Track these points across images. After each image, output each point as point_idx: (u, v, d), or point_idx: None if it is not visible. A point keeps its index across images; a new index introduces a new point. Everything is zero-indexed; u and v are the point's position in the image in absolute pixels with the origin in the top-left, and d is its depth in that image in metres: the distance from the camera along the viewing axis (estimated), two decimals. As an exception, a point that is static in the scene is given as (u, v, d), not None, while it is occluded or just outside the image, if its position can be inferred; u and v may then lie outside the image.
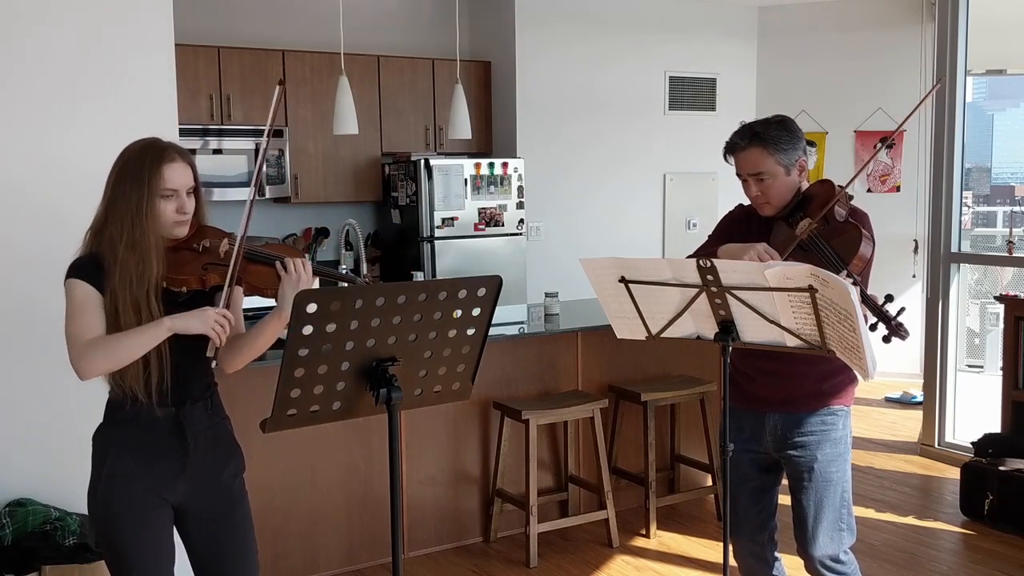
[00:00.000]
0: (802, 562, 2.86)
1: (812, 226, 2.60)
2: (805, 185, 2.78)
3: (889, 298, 2.45)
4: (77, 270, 2.31)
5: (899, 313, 2.43)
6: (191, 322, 2.26)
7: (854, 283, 2.40)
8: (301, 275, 2.36)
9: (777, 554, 2.95)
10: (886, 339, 2.43)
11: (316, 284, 2.44)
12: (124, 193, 2.29)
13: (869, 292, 2.50)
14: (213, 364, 2.32)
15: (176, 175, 2.32)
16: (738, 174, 2.79)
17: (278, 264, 2.36)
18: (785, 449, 2.80)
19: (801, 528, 2.82)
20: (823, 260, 2.54)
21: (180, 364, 2.33)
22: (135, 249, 2.27)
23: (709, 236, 2.98)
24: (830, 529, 2.78)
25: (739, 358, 2.84)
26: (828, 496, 2.77)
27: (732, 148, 2.78)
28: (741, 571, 2.99)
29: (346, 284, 2.69)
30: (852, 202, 2.75)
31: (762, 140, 2.72)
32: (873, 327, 2.44)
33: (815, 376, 2.72)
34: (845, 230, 2.62)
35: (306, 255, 2.43)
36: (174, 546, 2.43)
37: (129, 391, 2.31)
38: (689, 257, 2.69)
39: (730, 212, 3.02)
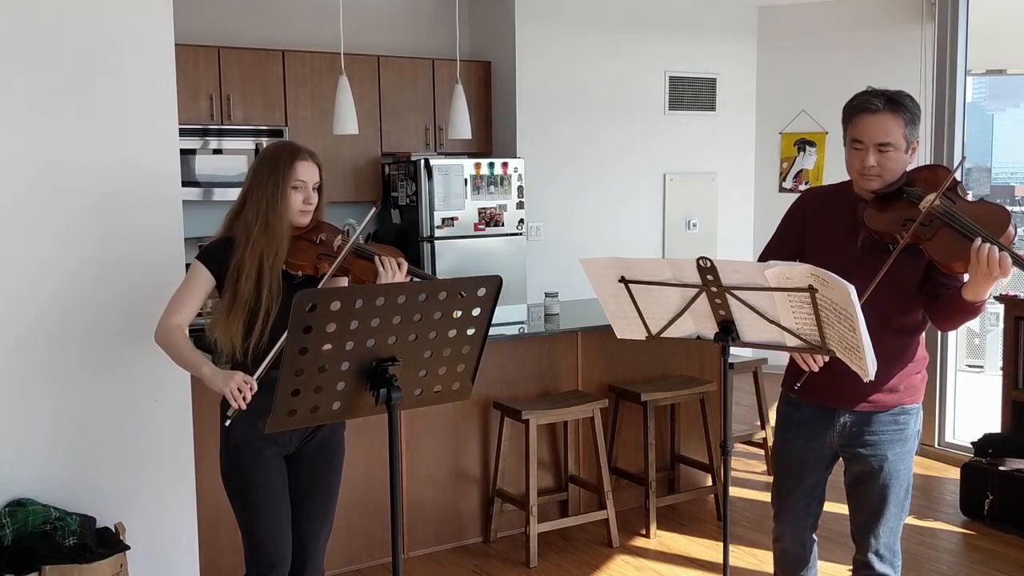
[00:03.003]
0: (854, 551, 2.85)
1: (936, 197, 2.44)
2: (909, 168, 2.64)
3: None
4: (205, 253, 2.68)
5: None
6: (217, 380, 2.51)
7: (1014, 259, 2.29)
8: (396, 272, 2.72)
9: (814, 535, 2.94)
10: None
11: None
12: (261, 182, 2.65)
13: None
14: (226, 423, 2.53)
15: (306, 171, 2.68)
16: (856, 139, 2.57)
17: (376, 259, 2.72)
18: (854, 447, 2.74)
19: (860, 520, 2.80)
20: (961, 233, 2.40)
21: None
22: (267, 230, 2.62)
23: (779, 227, 2.86)
24: (892, 520, 2.77)
25: None
26: (894, 491, 2.74)
27: (863, 108, 2.54)
28: (776, 553, 2.98)
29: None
30: None
31: (899, 107, 2.53)
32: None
33: (893, 375, 2.64)
34: (985, 206, 2.48)
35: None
36: (289, 496, 2.76)
37: (237, 356, 2.63)
38: (762, 259, 2.68)
39: (800, 198, 2.87)
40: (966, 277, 2.49)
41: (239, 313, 2.61)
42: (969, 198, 2.54)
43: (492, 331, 2.33)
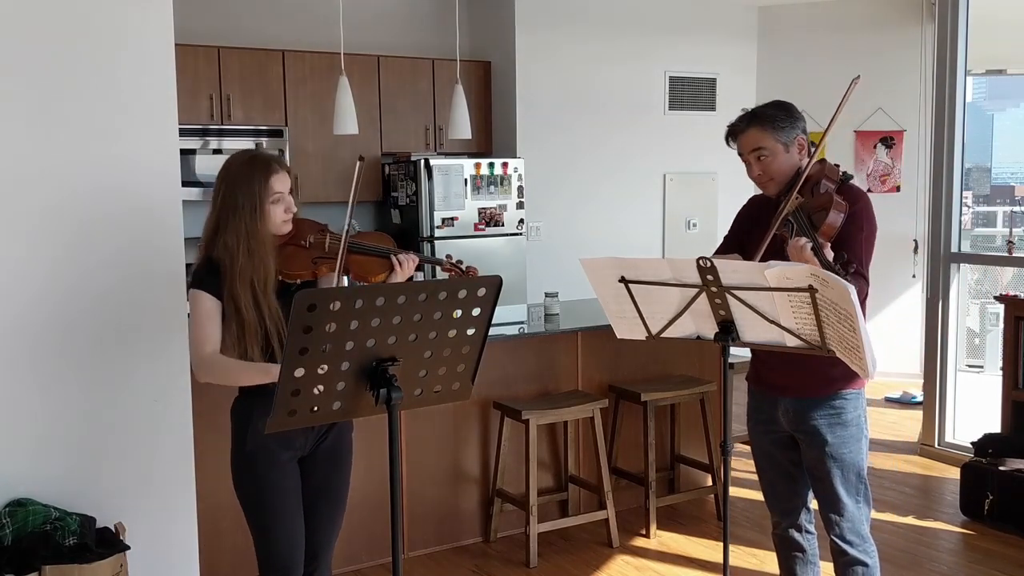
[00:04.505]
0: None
1: (797, 199, 2.70)
2: (805, 164, 2.83)
3: (841, 256, 2.54)
4: (198, 280, 2.64)
5: (847, 274, 2.50)
6: None
7: (813, 247, 2.53)
8: (409, 269, 2.78)
9: (811, 528, 3.03)
10: None
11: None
12: (236, 205, 2.62)
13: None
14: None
15: (281, 182, 2.67)
16: (740, 154, 2.90)
17: (393, 258, 2.75)
18: (799, 432, 2.89)
19: (821, 506, 2.91)
20: (800, 231, 2.64)
21: None
22: (252, 255, 2.59)
23: (726, 236, 3.08)
24: (850, 507, 2.86)
25: None
26: (842, 475, 2.84)
27: (733, 131, 2.90)
28: (774, 540, 3.09)
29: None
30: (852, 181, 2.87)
31: (759, 120, 2.85)
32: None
33: (825, 362, 2.70)
34: (822, 200, 2.71)
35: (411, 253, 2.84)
36: (302, 501, 2.76)
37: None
38: (715, 255, 2.79)
39: (742, 207, 3.10)
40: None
41: (252, 340, 2.60)
42: (830, 187, 2.76)
43: (492, 331, 2.33)
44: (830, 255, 2.56)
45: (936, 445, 5.69)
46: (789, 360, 2.74)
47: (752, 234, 2.91)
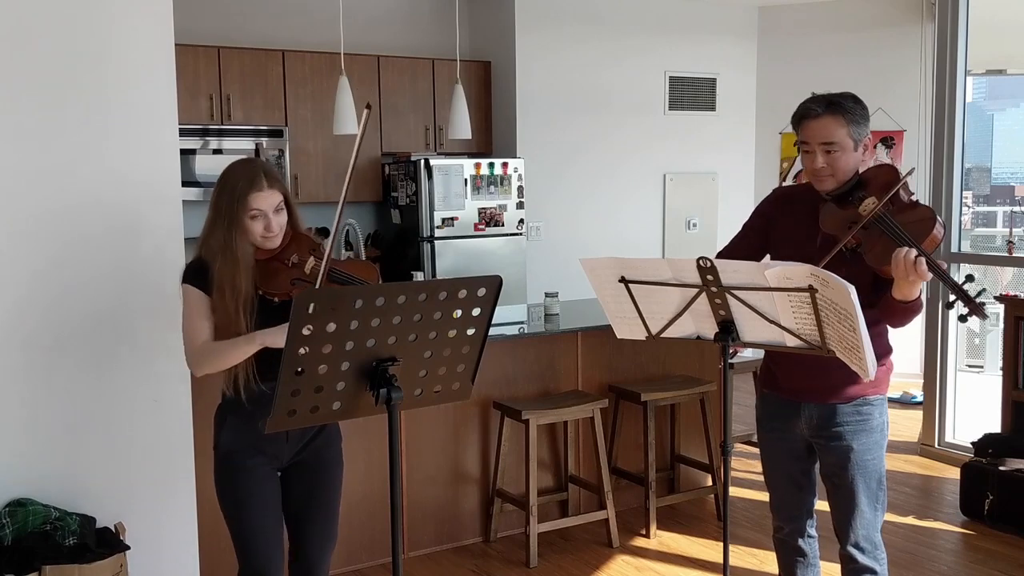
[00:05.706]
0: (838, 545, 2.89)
1: (878, 205, 2.56)
2: (864, 167, 2.72)
3: (970, 278, 2.46)
4: (188, 275, 2.65)
5: (979, 294, 2.45)
6: (278, 337, 2.41)
7: (928, 264, 2.43)
8: None
9: (813, 531, 2.99)
10: (963, 318, 2.45)
11: None
12: (220, 211, 2.61)
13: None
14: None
15: (261, 200, 2.60)
16: (803, 142, 2.69)
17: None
18: (821, 438, 2.81)
19: (836, 512, 2.85)
20: (891, 239, 2.51)
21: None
22: (227, 262, 2.58)
23: (744, 225, 2.95)
24: (867, 513, 2.81)
25: None
26: (864, 482, 2.79)
27: (806, 115, 2.67)
28: (775, 544, 3.05)
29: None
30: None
31: (839, 109, 2.64)
32: (950, 305, 2.49)
33: (846, 365, 2.66)
34: (916, 211, 2.59)
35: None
36: (281, 507, 2.76)
37: (228, 377, 2.63)
38: (721, 253, 2.77)
39: (767, 198, 2.97)
40: None
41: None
42: (913, 198, 2.65)
43: (492, 331, 2.33)
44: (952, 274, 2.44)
45: (936, 445, 5.69)
46: (813, 364, 2.62)
47: (788, 232, 2.79)
